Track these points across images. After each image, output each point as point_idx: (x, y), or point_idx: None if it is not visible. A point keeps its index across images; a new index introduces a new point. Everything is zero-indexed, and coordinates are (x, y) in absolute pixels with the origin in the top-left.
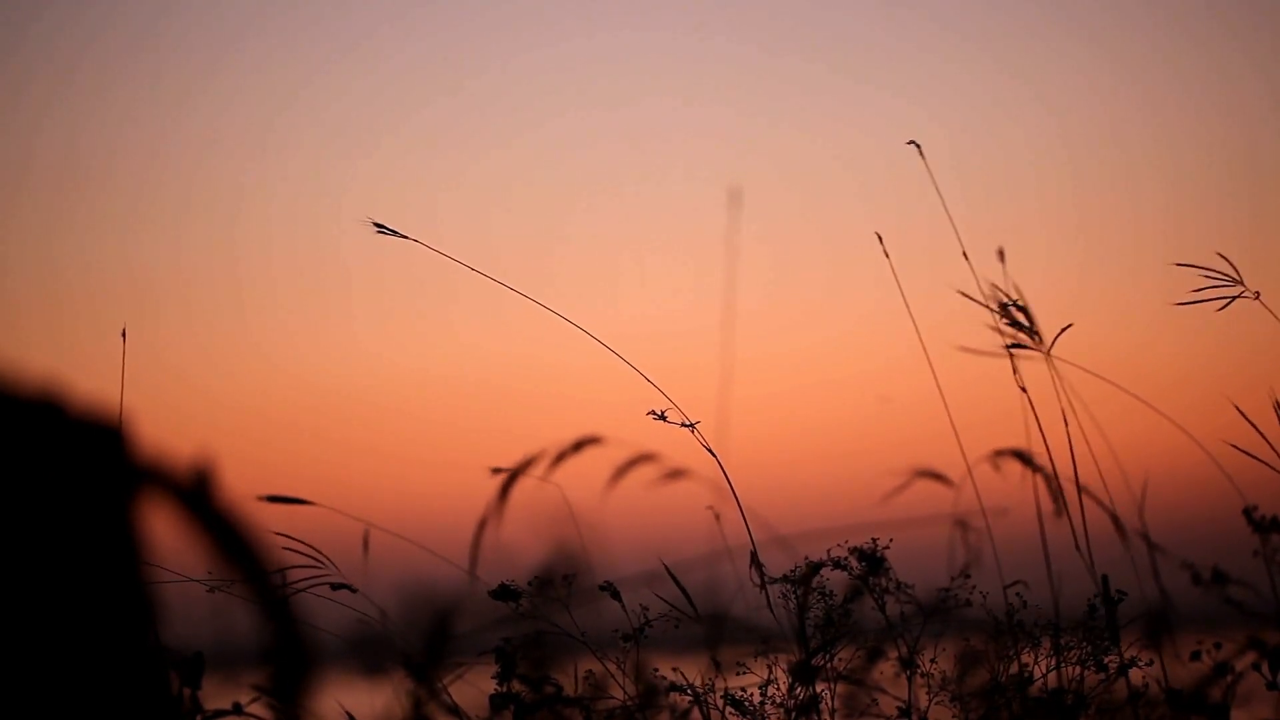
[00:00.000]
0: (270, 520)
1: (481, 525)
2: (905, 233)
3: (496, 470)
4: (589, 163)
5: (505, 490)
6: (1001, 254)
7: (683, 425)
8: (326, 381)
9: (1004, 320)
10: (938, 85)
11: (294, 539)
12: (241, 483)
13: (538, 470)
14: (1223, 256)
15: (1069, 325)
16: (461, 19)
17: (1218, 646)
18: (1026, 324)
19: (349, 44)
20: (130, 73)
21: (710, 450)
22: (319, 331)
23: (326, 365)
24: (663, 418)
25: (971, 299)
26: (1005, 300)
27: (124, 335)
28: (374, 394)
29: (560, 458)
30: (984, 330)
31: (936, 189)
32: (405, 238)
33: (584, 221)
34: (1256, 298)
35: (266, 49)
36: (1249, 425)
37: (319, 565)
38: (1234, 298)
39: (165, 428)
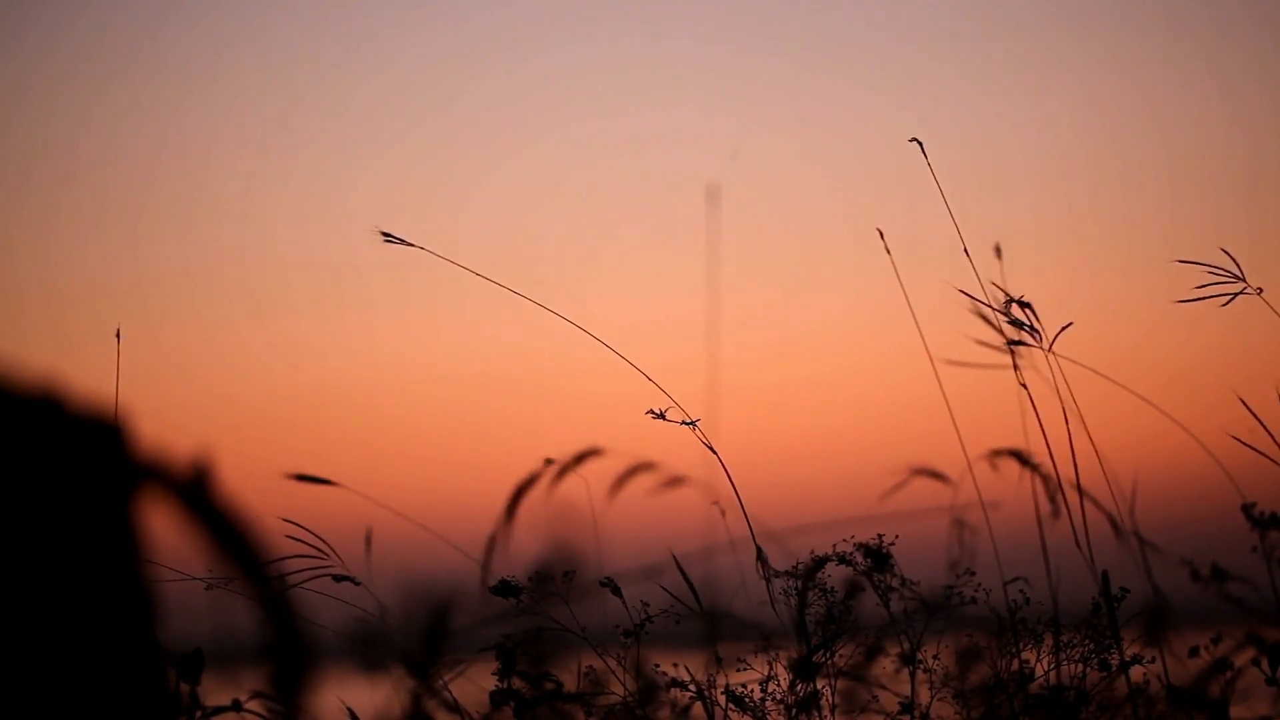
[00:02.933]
0: (275, 509)
1: (491, 542)
2: (907, 227)
3: (521, 487)
4: (578, 164)
5: (512, 507)
6: (998, 250)
7: (683, 424)
8: (328, 379)
9: (1005, 318)
10: (926, 82)
11: (298, 525)
12: (242, 480)
13: (542, 484)
14: (1225, 252)
15: (1069, 324)
16: (448, 28)
17: (1215, 641)
18: (1028, 322)
19: (349, 44)
20: (131, 70)
21: (711, 448)
22: (320, 329)
23: (328, 363)
24: (662, 416)
25: (972, 297)
26: (1008, 297)
27: (118, 335)
28: (374, 391)
29: (564, 471)
30: (973, 329)
31: (938, 185)
32: (413, 246)
33: (572, 221)
34: (1259, 294)
35: (266, 47)
36: (1251, 421)
37: (322, 555)
38: (1236, 294)
39: (166, 425)
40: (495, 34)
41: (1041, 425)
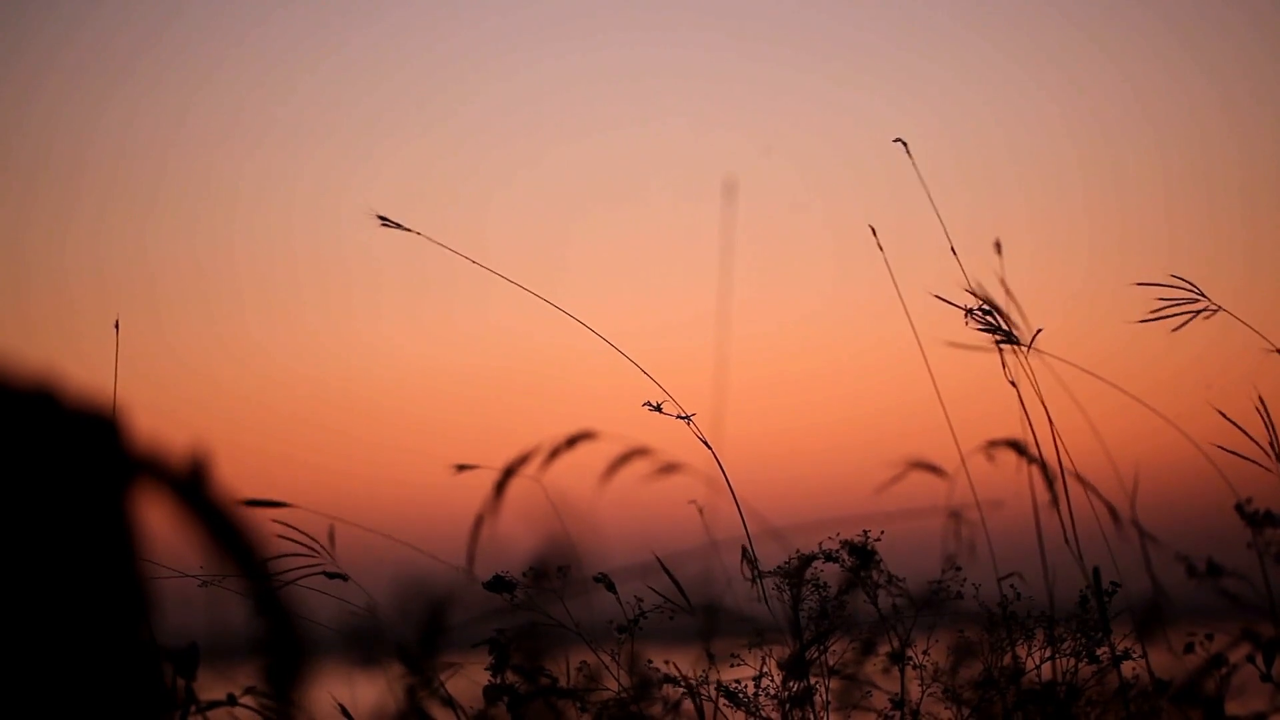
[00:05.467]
0: (263, 513)
1: (478, 523)
2: (902, 225)
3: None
4: (584, 158)
5: (501, 487)
6: (999, 246)
7: (679, 417)
8: (324, 373)
9: (975, 324)
10: (932, 81)
11: (290, 526)
12: (237, 475)
13: (532, 466)
14: (1179, 277)
15: (1039, 330)
16: (465, 25)
17: (1209, 638)
18: (1000, 324)
19: (362, 44)
20: (140, 63)
21: (706, 443)
22: (317, 323)
23: (324, 357)
24: (658, 409)
25: (946, 301)
26: (973, 305)
27: (117, 326)
28: (370, 385)
29: (555, 453)
30: (962, 324)
31: (923, 183)
32: (409, 230)
33: (580, 215)
34: (1216, 312)
35: (277, 41)
36: (1235, 420)
37: (314, 554)
38: (1193, 315)
39: (162, 419)
40: (509, 37)
41: (1030, 422)
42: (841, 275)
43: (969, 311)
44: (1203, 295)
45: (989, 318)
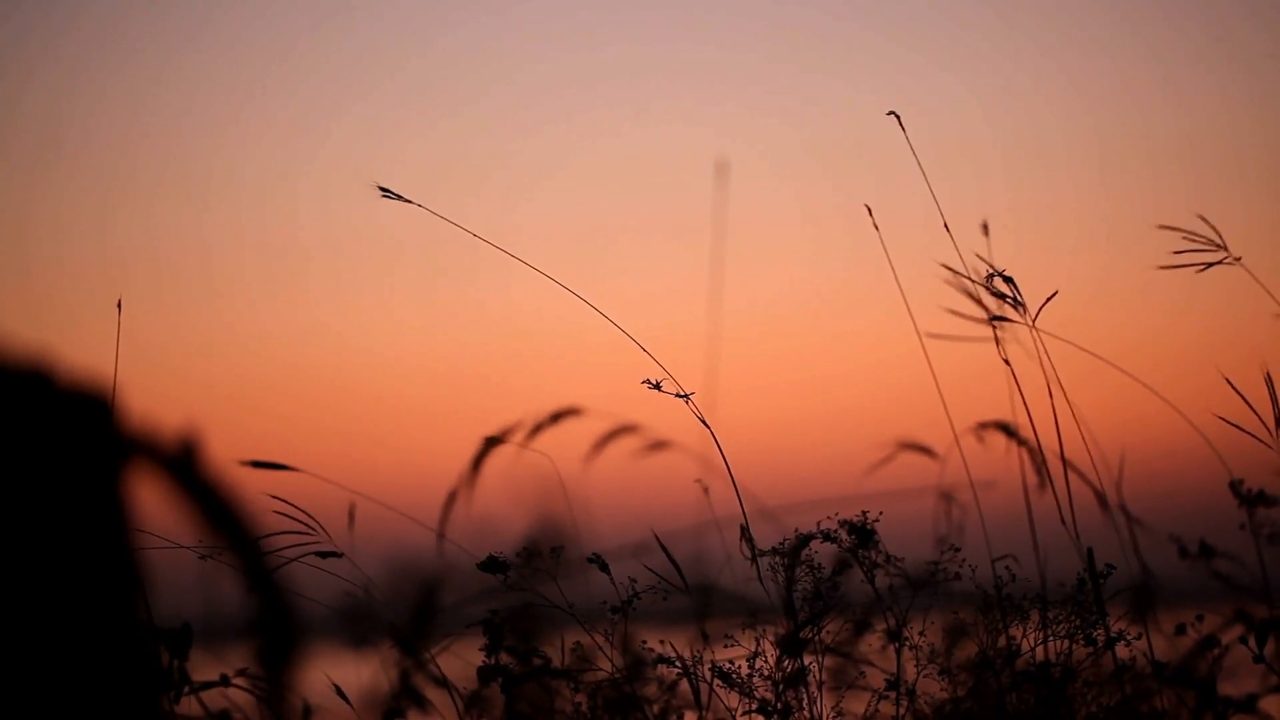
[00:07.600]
0: (261, 485)
1: (451, 497)
2: (892, 205)
3: (490, 440)
4: (579, 136)
5: (478, 462)
6: (986, 227)
7: (677, 396)
8: (318, 352)
9: (989, 290)
10: (920, 57)
11: (285, 501)
12: (230, 454)
13: (515, 440)
14: (1204, 219)
15: (1054, 294)
16: (460, 23)
17: (1199, 619)
18: (1011, 294)
19: (356, 23)
20: (138, 45)
21: (704, 422)
22: (311, 303)
23: (326, 337)
24: (658, 387)
25: (955, 272)
26: (990, 271)
27: (119, 306)
28: (374, 366)
29: (538, 428)
30: (955, 302)
31: (916, 160)
32: (409, 202)
33: (574, 194)
34: (1237, 262)
35: (274, 23)
36: (1235, 400)
37: (309, 531)
38: (1215, 262)
39: (164, 400)
40: (507, 32)
41: (1025, 401)
42: (830, 256)
43: (988, 277)
44: (1224, 246)
45: (1006, 284)
